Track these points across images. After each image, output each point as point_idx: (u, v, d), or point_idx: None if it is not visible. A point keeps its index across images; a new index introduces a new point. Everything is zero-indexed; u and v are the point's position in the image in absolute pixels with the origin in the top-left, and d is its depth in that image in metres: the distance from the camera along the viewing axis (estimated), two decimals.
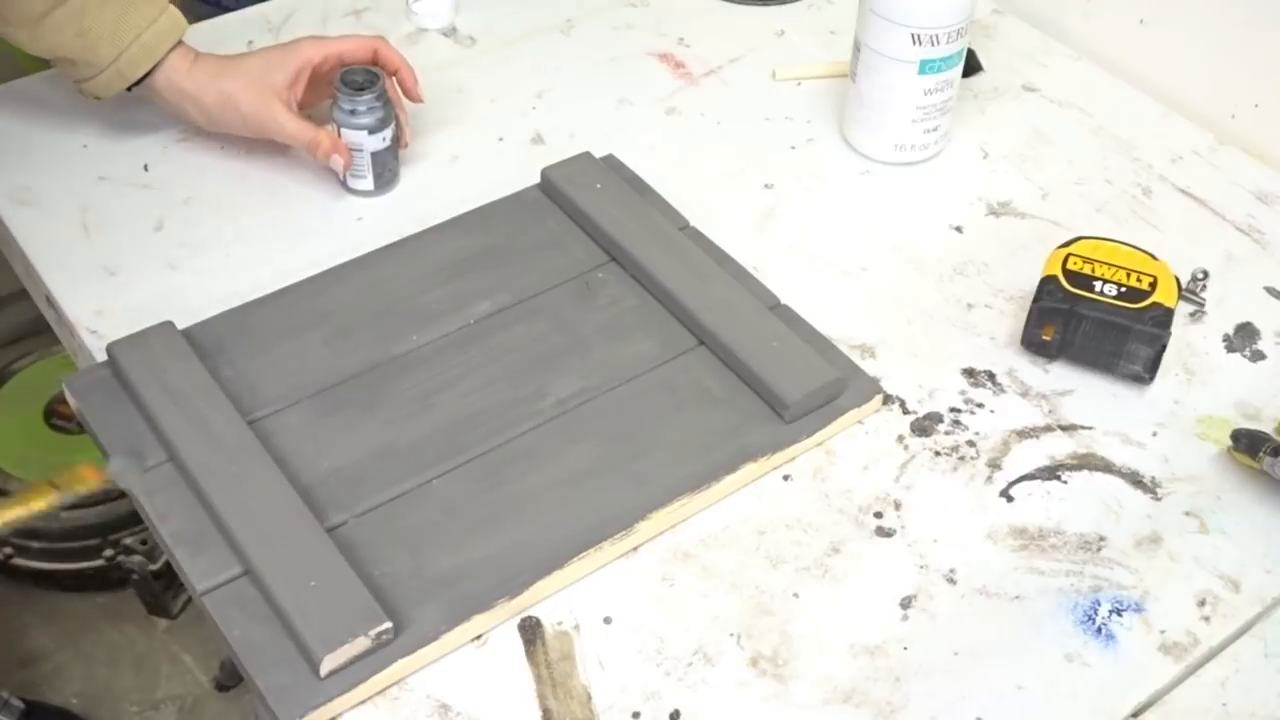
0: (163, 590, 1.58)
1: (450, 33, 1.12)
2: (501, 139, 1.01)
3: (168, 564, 1.56)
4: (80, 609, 1.60)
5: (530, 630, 0.70)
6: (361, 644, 0.66)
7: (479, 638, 0.69)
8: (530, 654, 0.69)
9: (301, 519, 0.71)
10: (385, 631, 0.66)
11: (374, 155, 0.93)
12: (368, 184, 0.94)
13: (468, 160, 0.99)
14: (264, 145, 0.98)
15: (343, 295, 0.85)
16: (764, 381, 0.79)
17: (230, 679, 1.54)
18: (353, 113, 0.91)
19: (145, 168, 0.97)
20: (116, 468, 0.73)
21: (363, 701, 0.66)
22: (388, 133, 0.93)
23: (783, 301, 0.86)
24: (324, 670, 0.65)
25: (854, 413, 0.80)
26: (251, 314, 0.83)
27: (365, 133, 0.91)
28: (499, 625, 0.70)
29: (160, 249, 0.90)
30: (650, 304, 0.85)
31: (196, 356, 0.78)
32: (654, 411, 0.79)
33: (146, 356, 0.78)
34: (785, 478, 0.78)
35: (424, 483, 0.74)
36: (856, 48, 0.97)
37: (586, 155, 0.94)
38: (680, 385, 0.80)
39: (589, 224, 0.89)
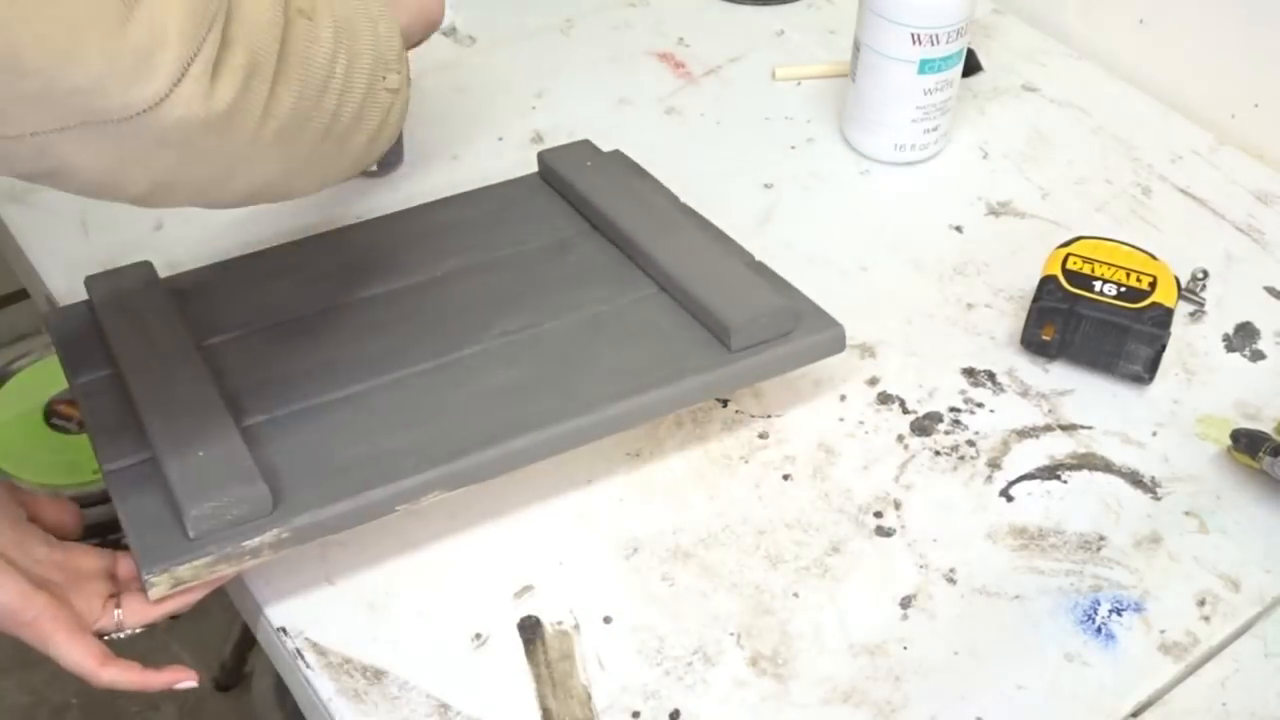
0: None
1: (450, 32, 1.12)
2: (501, 139, 1.01)
3: None
4: None
5: (530, 630, 0.70)
6: (234, 508, 0.65)
7: (478, 636, 0.69)
8: (530, 654, 0.69)
9: (215, 413, 0.70)
10: (261, 499, 0.66)
11: None
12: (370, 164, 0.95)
13: (467, 160, 0.99)
14: None
15: (319, 251, 0.85)
16: (709, 309, 0.77)
17: (230, 679, 1.54)
18: None
19: None
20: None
21: (236, 570, 0.66)
22: None
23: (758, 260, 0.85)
24: (191, 527, 0.65)
25: (809, 345, 0.78)
26: (230, 266, 0.84)
27: None
28: (389, 515, 0.69)
29: (160, 248, 0.90)
30: (620, 260, 0.84)
31: (166, 290, 0.80)
32: (598, 341, 0.78)
33: (116, 285, 0.80)
34: (785, 477, 0.78)
35: (351, 394, 0.74)
36: (856, 47, 0.97)
37: (586, 142, 0.94)
38: (630, 320, 0.79)
39: (574, 194, 0.89)
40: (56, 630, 0.66)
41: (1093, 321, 0.82)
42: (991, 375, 0.84)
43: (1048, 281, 0.83)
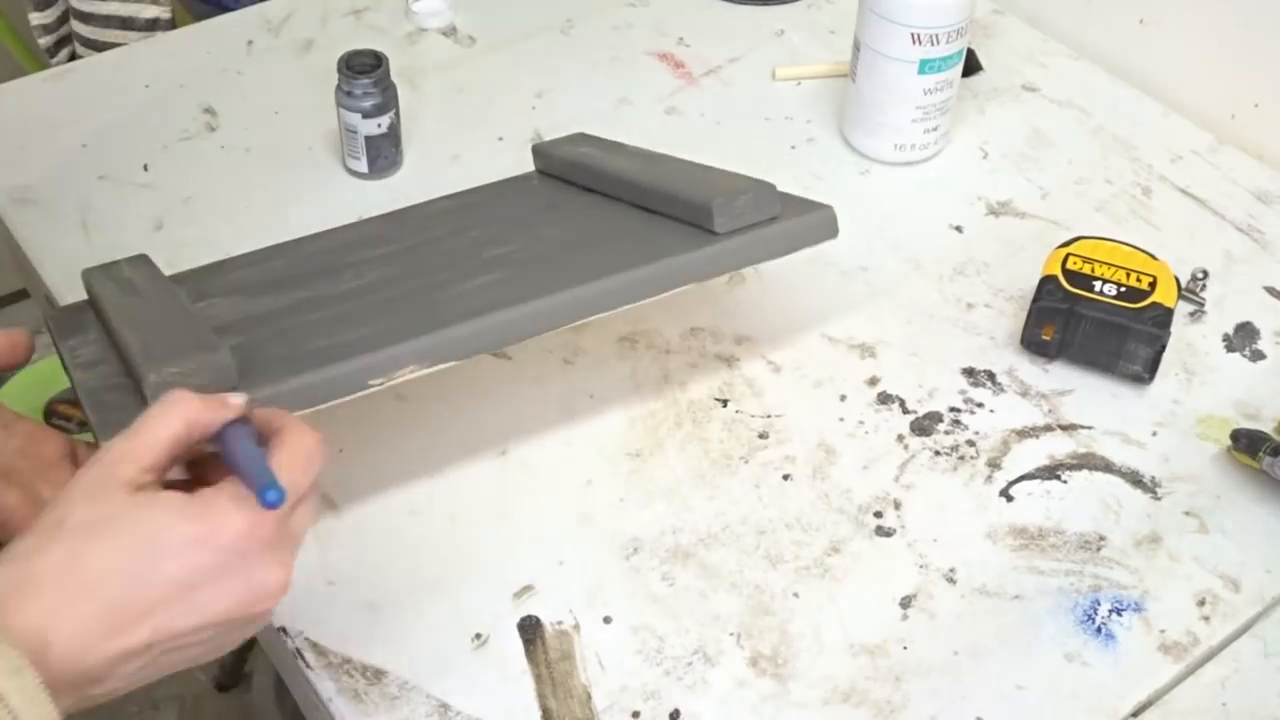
0: None
1: (450, 33, 1.12)
2: (501, 139, 1.01)
3: None
4: None
5: (530, 630, 0.70)
6: (196, 376, 0.62)
7: (479, 636, 0.69)
8: (530, 654, 0.69)
9: (188, 317, 0.68)
10: (224, 367, 0.63)
11: (368, 139, 0.94)
12: (362, 166, 0.96)
13: (468, 160, 0.99)
14: (265, 144, 0.98)
15: (316, 242, 0.86)
16: (691, 201, 0.75)
17: (230, 678, 1.54)
18: (349, 94, 0.93)
19: (145, 167, 0.97)
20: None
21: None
22: (385, 120, 0.94)
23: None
24: (150, 395, 0.62)
25: (798, 226, 0.75)
26: (228, 265, 0.84)
27: (359, 116, 0.93)
28: (353, 398, 0.65)
29: (160, 249, 0.90)
30: (608, 202, 0.83)
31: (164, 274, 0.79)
32: (581, 249, 0.77)
33: (114, 270, 0.78)
34: (785, 477, 0.78)
35: (327, 296, 0.73)
36: (856, 47, 0.97)
37: (581, 134, 0.94)
38: (614, 228, 0.78)
39: (567, 167, 0.89)
40: (28, 524, 0.65)
41: (1093, 321, 0.82)
42: (991, 375, 0.84)
43: (1048, 281, 0.83)
